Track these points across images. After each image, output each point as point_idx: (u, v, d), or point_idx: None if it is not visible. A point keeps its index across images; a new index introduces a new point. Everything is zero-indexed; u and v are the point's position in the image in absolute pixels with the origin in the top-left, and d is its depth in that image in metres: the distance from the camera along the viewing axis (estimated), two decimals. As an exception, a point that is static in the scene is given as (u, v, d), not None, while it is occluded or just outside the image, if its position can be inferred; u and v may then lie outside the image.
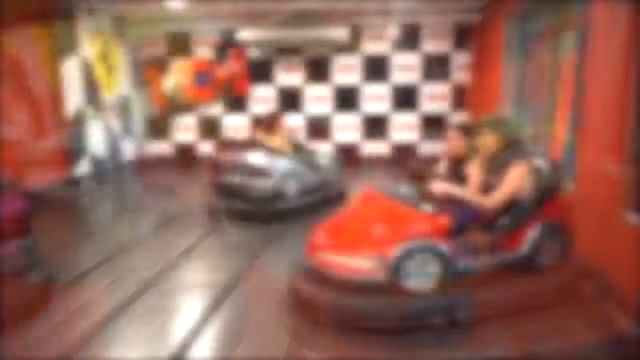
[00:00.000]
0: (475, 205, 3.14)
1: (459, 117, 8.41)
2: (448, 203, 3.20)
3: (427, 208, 3.14)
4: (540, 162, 3.38)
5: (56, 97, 6.87)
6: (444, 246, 2.99)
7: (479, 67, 8.10)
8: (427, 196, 3.29)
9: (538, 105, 5.89)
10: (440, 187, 3.21)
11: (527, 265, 3.21)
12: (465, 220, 3.19)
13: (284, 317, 3.22)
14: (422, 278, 2.98)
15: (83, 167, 7.27)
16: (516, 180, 3.13)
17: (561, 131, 4.94)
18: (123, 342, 3.02)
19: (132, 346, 2.99)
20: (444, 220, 3.03)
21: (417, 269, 2.97)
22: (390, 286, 2.96)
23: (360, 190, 3.98)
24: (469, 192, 3.20)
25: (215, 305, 3.43)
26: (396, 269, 2.93)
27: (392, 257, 2.93)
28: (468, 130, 3.66)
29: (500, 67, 6.76)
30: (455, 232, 3.11)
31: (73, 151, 7.11)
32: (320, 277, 3.15)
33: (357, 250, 3.02)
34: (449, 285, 3.02)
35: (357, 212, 3.50)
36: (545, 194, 3.25)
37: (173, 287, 3.79)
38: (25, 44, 6.36)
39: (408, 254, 2.93)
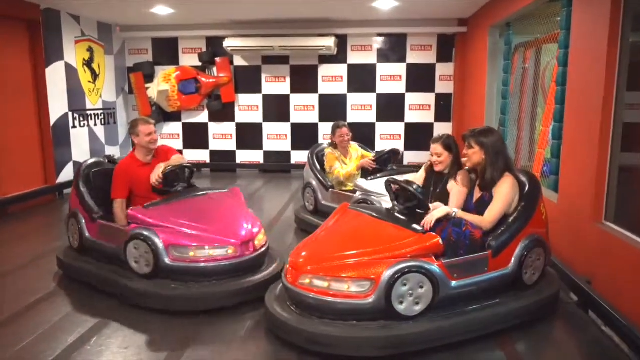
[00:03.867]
0: (476, 224, 3.05)
1: (442, 129, 8.51)
2: (441, 221, 3.06)
3: (416, 227, 2.98)
4: (523, 176, 3.28)
5: (41, 103, 6.79)
6: (435, 266, 2.80)
7: (464, 78, 8.22)
8: (418, 215, 3.11)
9: (521, 118, 6.00)
10: (441, 211, 3.04)
11: (514, 283, 3.13)
12: (460, 239, 3.04)
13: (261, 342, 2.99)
14: (412, 301, 2.76)
15: (67, 174, 7.16)
16: (508, 194, 3.08)
17: (544, 143, 5.04)
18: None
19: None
20: (435, 239, 2.85)
21: (408, 291, 2.73)
22: (379, 311, 2.73)
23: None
24: (461, 212, 3.10)
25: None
26: (387, 291, 2.69)
27: (383, 279, 2.70)
28: (450, 146, 3.62)
29: (484, 79, 6.86)
30: (450, 251, 2.98)
31: (56, 158, 7.01)
32: (299, 302, 2.89)
33: (340, 272, 2.78)
34: (439, 307, 2.86)
35: (336, 231, 3.22)
36: (529, 209, 3.17)
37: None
38: (10, 50, 6.29)
39: (400, 275, 2.70)
